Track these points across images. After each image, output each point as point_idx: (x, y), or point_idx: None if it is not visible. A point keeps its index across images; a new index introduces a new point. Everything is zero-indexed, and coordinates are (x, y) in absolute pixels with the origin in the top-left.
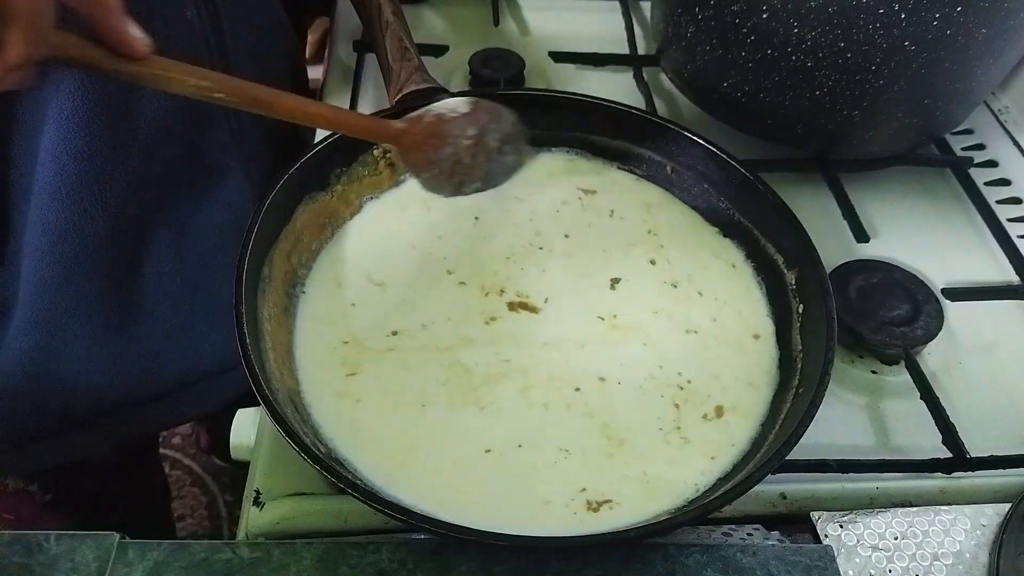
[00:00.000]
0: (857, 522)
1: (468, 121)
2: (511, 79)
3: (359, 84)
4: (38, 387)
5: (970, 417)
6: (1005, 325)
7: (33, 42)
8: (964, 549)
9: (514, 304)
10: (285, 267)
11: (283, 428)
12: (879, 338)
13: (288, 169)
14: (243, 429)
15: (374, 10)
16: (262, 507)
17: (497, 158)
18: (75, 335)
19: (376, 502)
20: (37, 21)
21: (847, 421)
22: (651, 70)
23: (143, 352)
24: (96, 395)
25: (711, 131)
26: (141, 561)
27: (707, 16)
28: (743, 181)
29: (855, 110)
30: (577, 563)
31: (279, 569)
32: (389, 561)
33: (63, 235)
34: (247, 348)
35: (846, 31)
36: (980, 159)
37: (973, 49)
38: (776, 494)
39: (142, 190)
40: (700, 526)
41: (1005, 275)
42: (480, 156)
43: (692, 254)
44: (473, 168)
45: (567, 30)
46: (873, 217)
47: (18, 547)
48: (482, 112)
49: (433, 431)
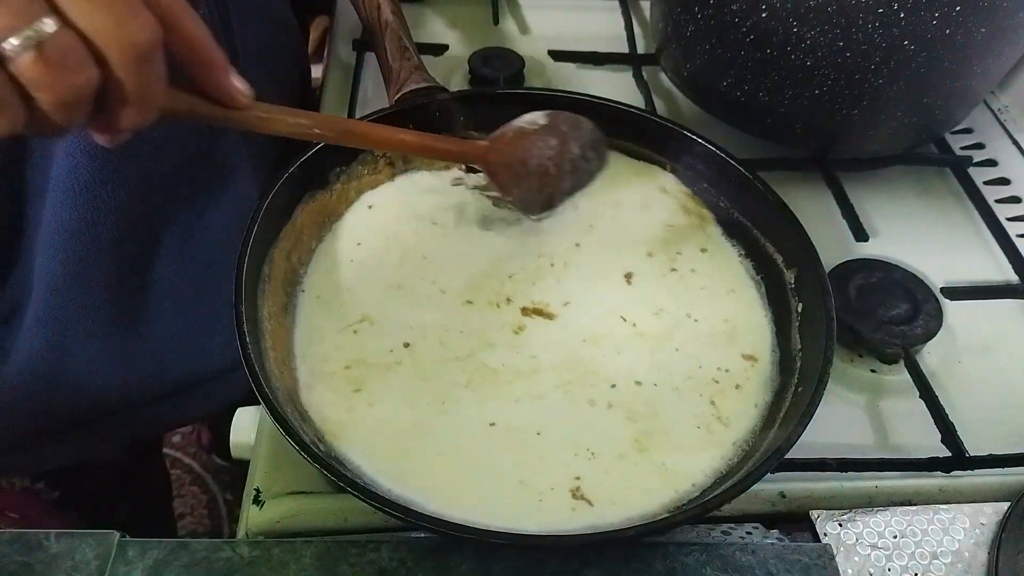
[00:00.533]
0: (856, 521)
1: (549, 132)
2: (511, 78)
3: (359, 83)
4: (47, 387)
5: (969, 416)
6: (1004, 324)
7: (145, 113)
8: (963, 548)
9: (528, 310)
10: (285, 266)
11: (283, 427)
12: (878, 337)
13: (288, 168)
14: (243, 427)
15: (373, 9)
16: (262, 505)
17: (581, 165)
18: (84, 334)
19: (376, 500)
20: (149, 99)
21: (846, 420)
22: (650, 69)
23: (151, 351)
24: (104, 395)
25: (710, 130)
26: (141, 560)
27: (706, 15)
28: (742, 180)
29: (854, 109)
30: (577, 561)
31: (279, 568)
32: (389, 560)
33: (75, 233)
34: (247, 347)
35: (845, 30)
36: (979, 158)
37: (972, 48)
38: (775, 493)
39: (153, 189)
40: (699, 525)
41: (1004, 274)
42: (566, 165)
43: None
44: (560, 178)
45: (567, 29)
46: (872, 216)
47: (19, 545)
48: (561, 122)
49: (454, 428)
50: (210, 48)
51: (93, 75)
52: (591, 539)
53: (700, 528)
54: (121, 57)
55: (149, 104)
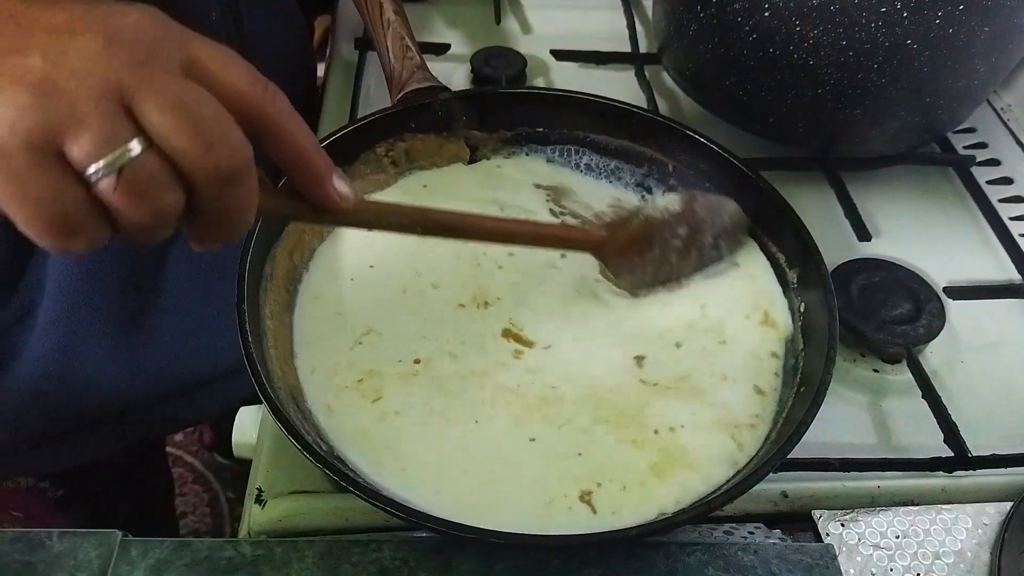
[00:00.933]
0: (859, 521)
1: (680, 220)
2: (512, 78)
3: (360, 82)
4: (57, 387)
5: (972, 416)
6: (1007, 324)
7: (236, 230)
8: (966, 548)
9: (515, 337)
10: (287, 264)
11: (285, 426)
12: (881, 337)
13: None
14: (245, 427)
15: (375, 8)
16: (264, 505)
17: (709, 253)
18: (94, 334)
19: (378, 500)
20: (239, 217)
21: (849, 420)
22: (653, 68)
23: (160, 351)
24: (113, 394)
25: (713, 129)
26: (143, 559)
27: (709, 14)
28: (745, 179)
29: (857, 108)
30: (578, 561)
31: (281, 567)
32: (391, 559)
33: None
34: (249, 346)
35: (848, 29)
36: (982, 158)
37: (975, 47)
38: (778, 493)
39: None
40: (701, 525)
41: (1007, 274)
42: (691, 254)
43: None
44: (681, 267)
45: (569, 28)
46: (875, 216)
47: (21, 545)
48: (699, 208)
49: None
50: (312, 157)
51: (177, 199)
52: (592, 539)
53: (702, 528)
54: (207, 181)
55: (239, 222)
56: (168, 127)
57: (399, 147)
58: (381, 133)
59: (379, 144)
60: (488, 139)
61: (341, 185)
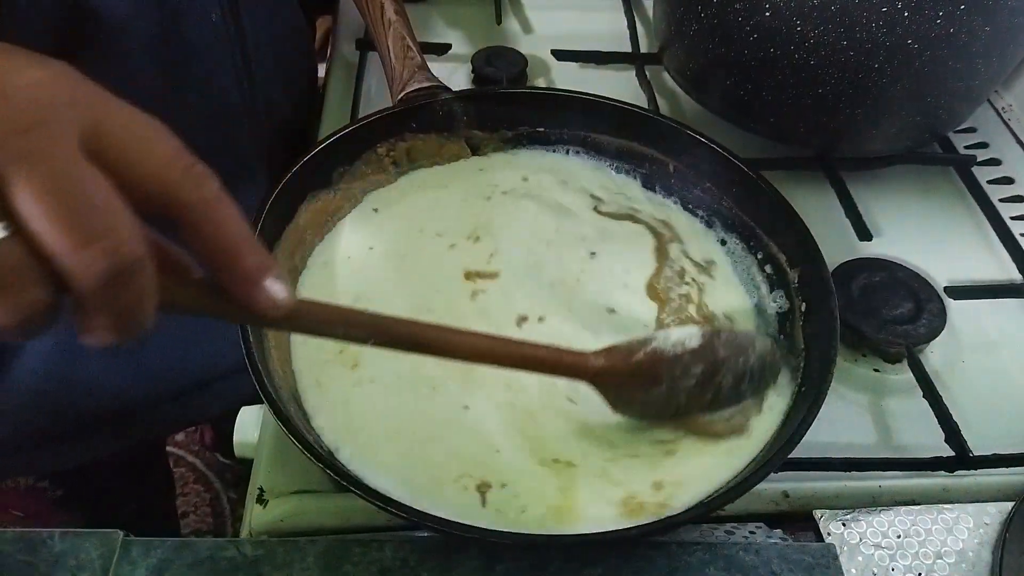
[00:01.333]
0: (860, 520)
1: (696, 358)
2: (513, 78)
3: (362, 82)
4: (58, 387)
5: (973, 415)
6: (1008, 323)
7: (126, 332)
8: (967, 548)
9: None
10: (288, 264)
11: (286, 426)
12: (882, 337)
13: (292, 168)
14: (247, 426)
15: (376, 8)
16: (265, 504)
17: (728, 395)
18: None
19: (379, 500)
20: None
21: (850, 419)
22: (653, 68)
23: (162, 351)
24: (114, 394)
25: (713, 129)
26: (145, 559)
27: (710, 14)
28: (745, 179)
29: (858, 108)
30: (578, 561)
31: (283, 567)
32: (392, 559)
33: None
34: (250, 346)
35: (849, 29)
36: (983, 157)
37: (976, 47)
38: (779, 492)
39: None
40: (702, 524)
41: (1008, 273)
42: (706, 395)
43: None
44: (691, 407)
45: (569, 28)
46: (876, 215)
47: (22, 544)
48: (720, 346)
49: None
50: (238, 252)
51: (44, 295)
52: (593, 539)
53: (703, 528)
54: (82, 278)
55: (129, 323)
56: (38, 213)
57: (400, 147)
58: (382, 133)
59: (380, 144)
60: (489, 139)
61: (276, 287)
